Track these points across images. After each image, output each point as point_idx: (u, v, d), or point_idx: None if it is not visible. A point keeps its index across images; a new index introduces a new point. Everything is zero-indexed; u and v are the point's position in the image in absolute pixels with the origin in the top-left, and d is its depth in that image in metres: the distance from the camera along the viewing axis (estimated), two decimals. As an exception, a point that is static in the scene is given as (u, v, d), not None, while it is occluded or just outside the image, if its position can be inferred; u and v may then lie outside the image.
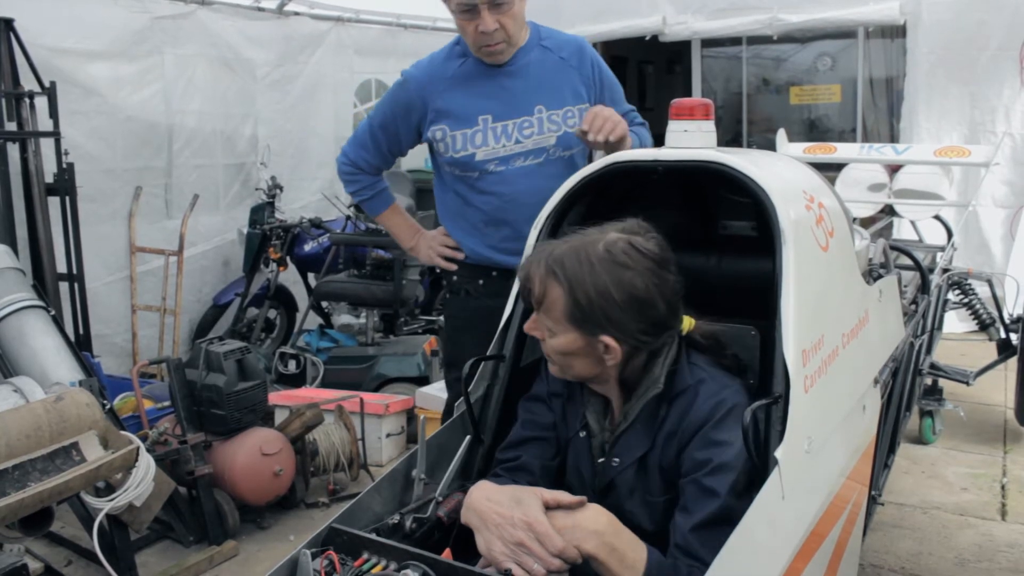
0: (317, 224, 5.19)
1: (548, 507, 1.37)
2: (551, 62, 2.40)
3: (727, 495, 1.36)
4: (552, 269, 1.47)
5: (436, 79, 2.38)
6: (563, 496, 1.39)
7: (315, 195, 6.16)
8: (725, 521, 1.33)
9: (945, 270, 3.77)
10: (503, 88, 2.35)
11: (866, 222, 4.16)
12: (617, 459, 1.53)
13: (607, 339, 1.46)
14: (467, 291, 2.53)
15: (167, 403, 3.56)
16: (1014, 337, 4.00)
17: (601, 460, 1.55)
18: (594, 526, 1.35)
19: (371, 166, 2.57)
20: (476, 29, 2.23)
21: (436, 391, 3.85)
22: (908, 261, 3.24)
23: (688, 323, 1.55)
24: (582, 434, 1.59)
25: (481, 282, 2.50)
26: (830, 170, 4.24)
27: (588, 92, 2.45)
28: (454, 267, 2.54)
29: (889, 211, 4.49)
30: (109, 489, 2.67)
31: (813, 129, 8.10)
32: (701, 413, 1.45)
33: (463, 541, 1.57)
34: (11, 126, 4.13)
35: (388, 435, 4.01)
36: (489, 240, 2.44)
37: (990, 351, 4.23)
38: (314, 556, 1.34)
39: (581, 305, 1.45)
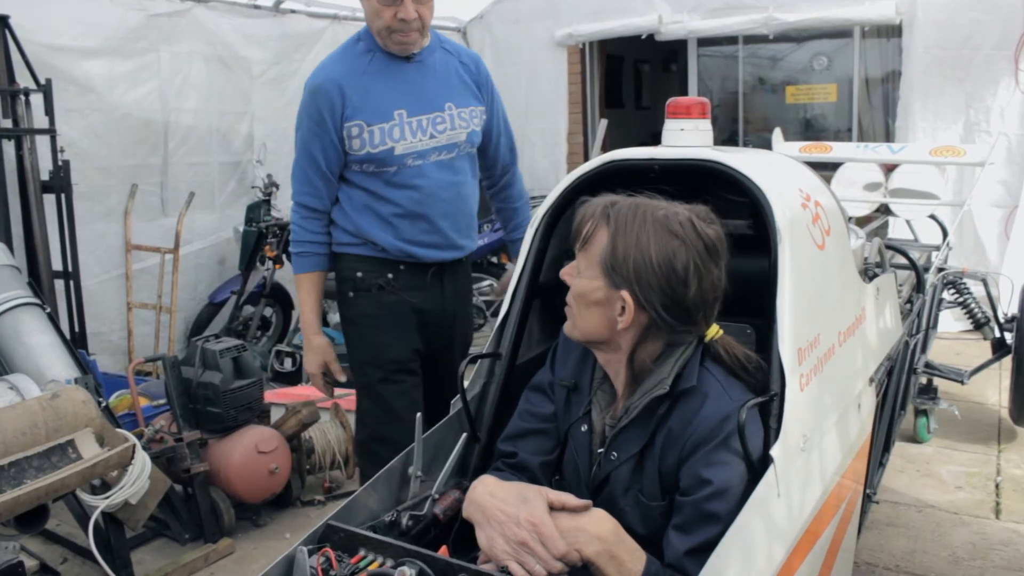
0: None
1: (552, 508, 1.36)
2: (453, 64, 2.46)
3: (726, 520, 1.34)
4: (607, 213, 1.48)
5: (350, 74, 2.35)
6: (568, 499, 1.38)
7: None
8: None
9: (940, 269, 3.78)
10: (414, 84, 2.37)
11: (862, 221, 4.16)
12: (615, 453, 1.52)
13: (626, 295, 1.43)
14: (379, 286, 2.47)
15: (163, 401, 3.56)
16: (1008, 336, 4.01)
17: (600, 451, 1.55)
18: (598, 531, 1.35)
19: (328, 205, 2.48)
20: (395, 16, 2.25)
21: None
22: (903, 260, 3.25)
23: (714, 331, 1.52)
24: (583, 428, 1.59)
25: (391, 275, 2.47)
26: (826, 169, 4.25)
27: (483, 102, 2.53)
28: (330, 398, 2.58)
29: (885, 210, 4.50)
30: (105, 487, 2.67)
31: (809, 128, 8.12)
32: (706, 425, 1.41)
33: (459, 538, 1.58)
34: (6, 123, 4.12)
35: (384, 433, 4.00)
36: (404, 233, 2.42)
37: (984, 350, 4.24)
38: (311, 553, 1.34)
39: (618, 254, 1.44)
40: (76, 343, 4.02)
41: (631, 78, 10.82)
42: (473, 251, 2.62)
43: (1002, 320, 4.07)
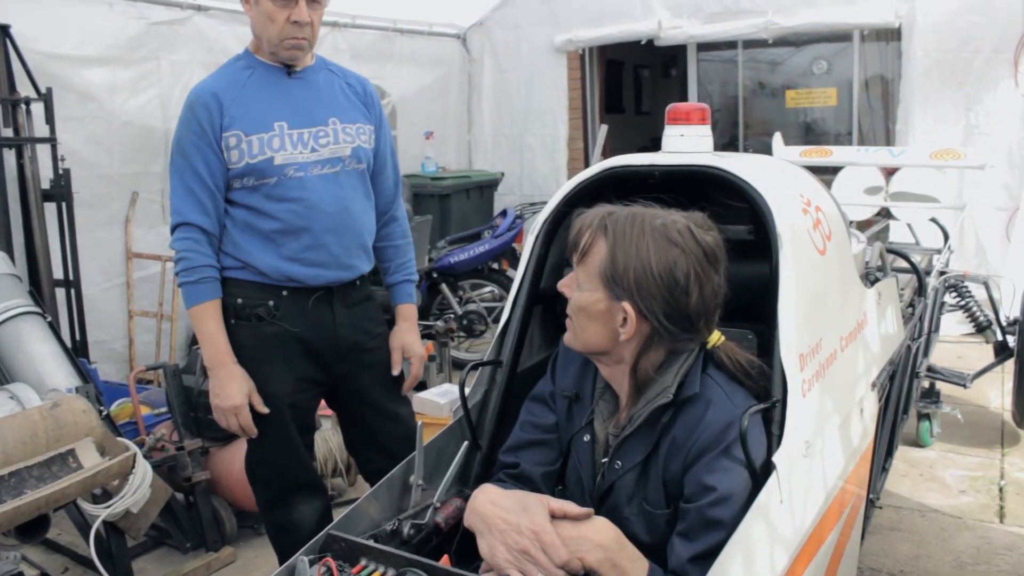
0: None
1: (554, 516, 1.36)
2: (338, 83, 2.43)
3: (730, 527, 1.34)
4: (605, 224, 1.47)
5: (228, 86, 2.29)
6: (570, 507, 1.38)
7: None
8: None
9: (942, 273, 3.77)
10: (296, 97, 2.33)
11: (863, 225, 4.17)
12: (620, 462, 1.51)
13: (628, 306, 1.43)
14: (258, 316, 2.33)
15: (164, 409, 3.55)
16: (1011, 339, 4.00)
17: (604, 460, 1.55)
18: (599, 539, 1.34)
19: (216, 227, 2.32)
20: (288, 19, 2.22)
21: (434, 396, 3.85)
22: (905, 264, 3.24)
23: (716, 338, 1.51)
24: (586, 438, 1.58)
25: (272, 303, 2.33)
26: (826, 173, 4.26)
27: (372, 122, 2.47)
28: (253, 432, 2.34)
29: (886, 214, 4.50)
30: (106, 496, 2.66)
31: (809, 132, 8.12)
32: (710, 432, 1.41)
33: (462, 547, 1.57)
34: (7, 132, 4.12)
35: (386, 440, 3.99)
36: (286, 251, 2.31)
37: (987, 353, 4.23)
38: (312, 563, 1.34)
39: (617, 265, 1.43)
40: (77, 352, 4.01)
41: (631, 83, 10.82)
42: (367, 272, 2.48)
43: (1004, 323, 4.06)
